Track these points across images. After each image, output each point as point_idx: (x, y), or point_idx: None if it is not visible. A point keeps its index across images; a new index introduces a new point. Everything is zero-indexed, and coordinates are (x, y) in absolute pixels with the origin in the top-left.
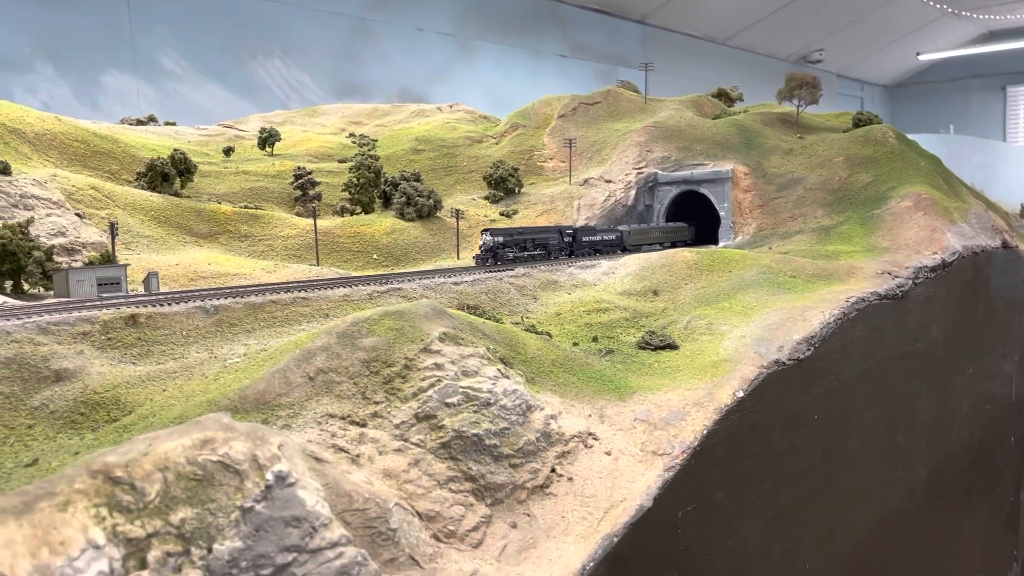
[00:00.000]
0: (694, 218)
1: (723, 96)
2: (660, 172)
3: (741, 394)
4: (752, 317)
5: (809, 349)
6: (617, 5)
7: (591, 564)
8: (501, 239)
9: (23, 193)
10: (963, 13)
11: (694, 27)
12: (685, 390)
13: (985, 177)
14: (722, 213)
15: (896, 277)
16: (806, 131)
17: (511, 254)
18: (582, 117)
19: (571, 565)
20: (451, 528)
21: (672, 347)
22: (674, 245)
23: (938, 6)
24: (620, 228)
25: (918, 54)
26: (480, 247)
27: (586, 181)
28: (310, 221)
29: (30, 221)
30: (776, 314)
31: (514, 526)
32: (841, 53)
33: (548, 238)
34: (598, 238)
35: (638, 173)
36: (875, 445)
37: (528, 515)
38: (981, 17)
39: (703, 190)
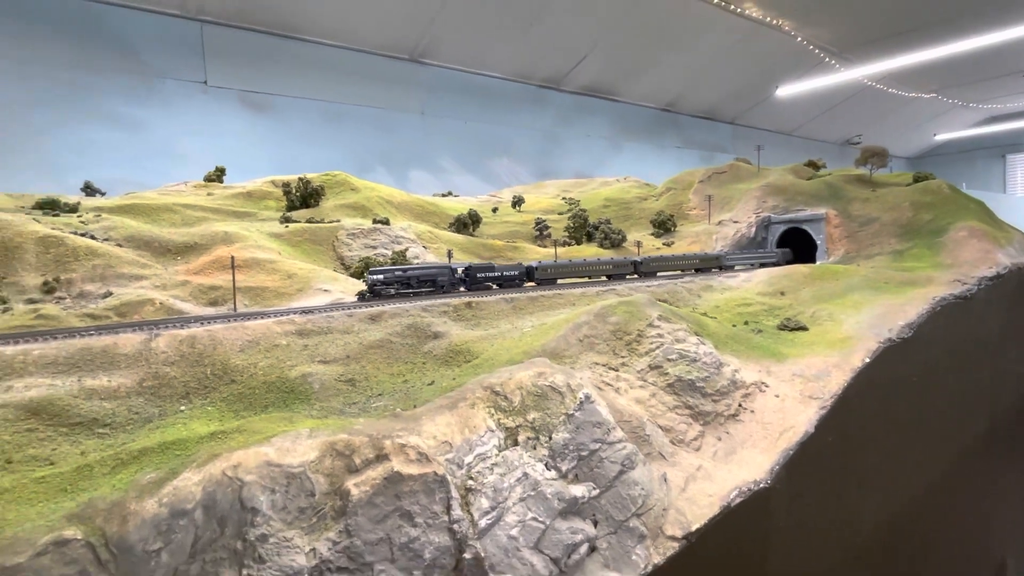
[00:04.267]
0: (794, 245)
1: (811, 165)
2: (772, 215)
3: (868, 360)
4: (862, 310)
5: (910, 332)
6: (714, 112)
7: (776, 467)
8: (381, 277)
9: (396, 235)
10: (970, 104)
11: (769, 124)
12: (824, 357)
13: None
14: (819, 241)
15: (964, 284)
16: (876, 186)
17: (392, 291)
18: (715, 181)
19: (763, 466)
20: (680, 437)
21: (803, 329)
22: (611, 278)
23: (950, 101)
24: (531, 263)
25: (935, 134)
26: (365, 283)
27: (720, 222)
28: (545, 249)
29: (405, 249)
30: (880, 308)
31: (719, 439)
32: (875, 136)
33: (437, 275)
34: (497, 274)
35: (757, 216)
36: (953, 400)
37: (727, 433)
38: (984, 107)
39: (804, 227)
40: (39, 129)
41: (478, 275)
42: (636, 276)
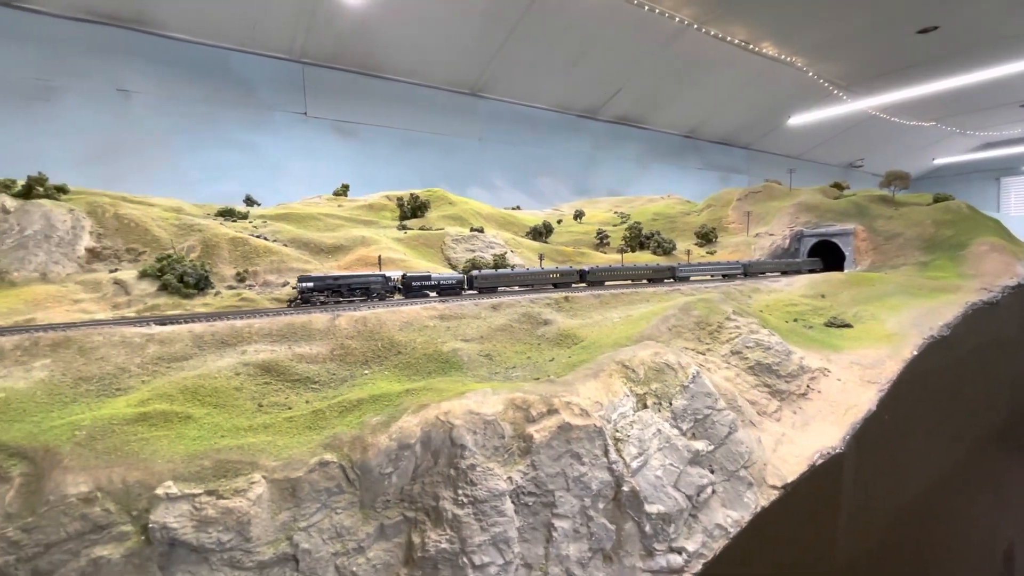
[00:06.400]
0: (823, 255)
1: (837, 186)
2: (804, 229)
3: (916, 352)
4: (901, 311)
5: (948, 330)
6: (731, 138)
7: (847, 436)
8: (311, 284)
9: (489, 241)
10: (968, 132)
11: (780, 149)
12: (875, 349)
13: None
14: (847, 253)
15: (991, 291)
16: (898, 206)
17: (322, 298)
18: (751, 199)
19: (835, 436)
20: (763, 409)
21: (849, 326)
22: (556, 287)
23: (949, 129)
24: (472, 272)
25: (933, 159)
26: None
27: (757, 235)
28: (605, 255)
29: (504, 253)
30: (919, 309)
31: (794, 412)
32: (877, 159)
33: (370, 282)
34: (433, 283)
35: (790, 230)
36: (983, 387)
37: (800, 408)
38: (981, 134)
39: (834, 240)
40: (176, 152)
41: (413, 284)
42: (584, 284)
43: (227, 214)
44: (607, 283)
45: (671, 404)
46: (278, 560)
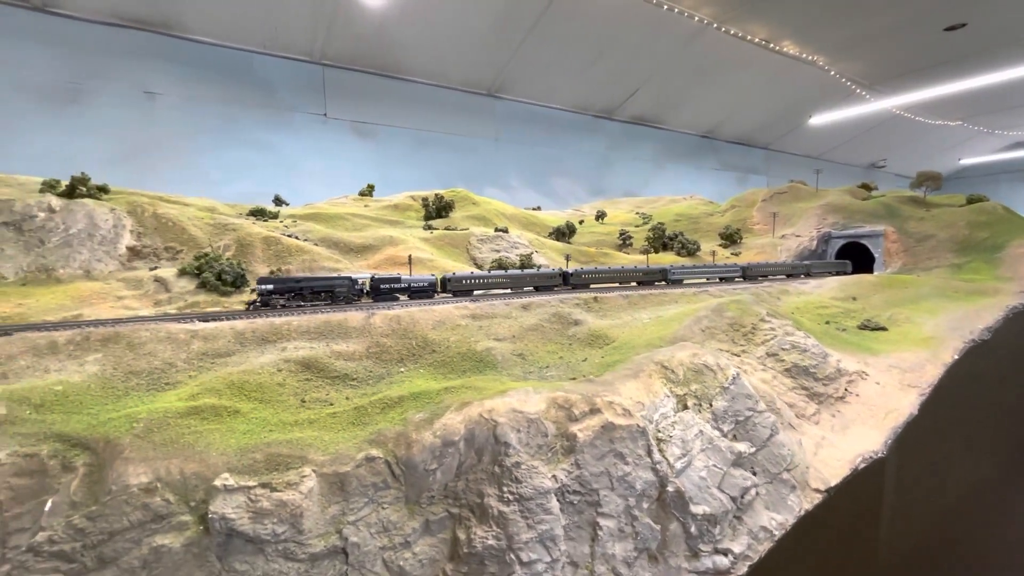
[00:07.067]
0: (851, 257)
1: (865, 187)
2: (832, 231)
3: (956, 356)
4: (938, 314)
5: (988, 334)
6: (749, 138)
7: (888, 440)
8: (271, 287)
9: (514, 241)
10: (996, 131)
11: (800, 149)
12: (913, 353)
13: None
14: (876, 255)
15: None
16: (930, 207)
17: (281, 302)
18: (776, 200)
19: (876, 440)
20: (801, 412)
21: (883, 329)
22: (537, 290)
23: (976, 128)
24: (445, 275)
25: (959, 159)
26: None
27: (783, 236)
28: (629, 256)
29: (531, 254)
30: (957, 313)
31: (833, 416)
32: (901, 160)
33: (335, 285)
34: (403, 285)
35: (818, 231)
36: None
37: (839, 411)
38: (1010, 133)
39: (863, 241)
40: (199, 152)
41: (382, 286)
42: (569, 287)
43: (258, 213)
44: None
45: (711, 405)
46: (328, 553)
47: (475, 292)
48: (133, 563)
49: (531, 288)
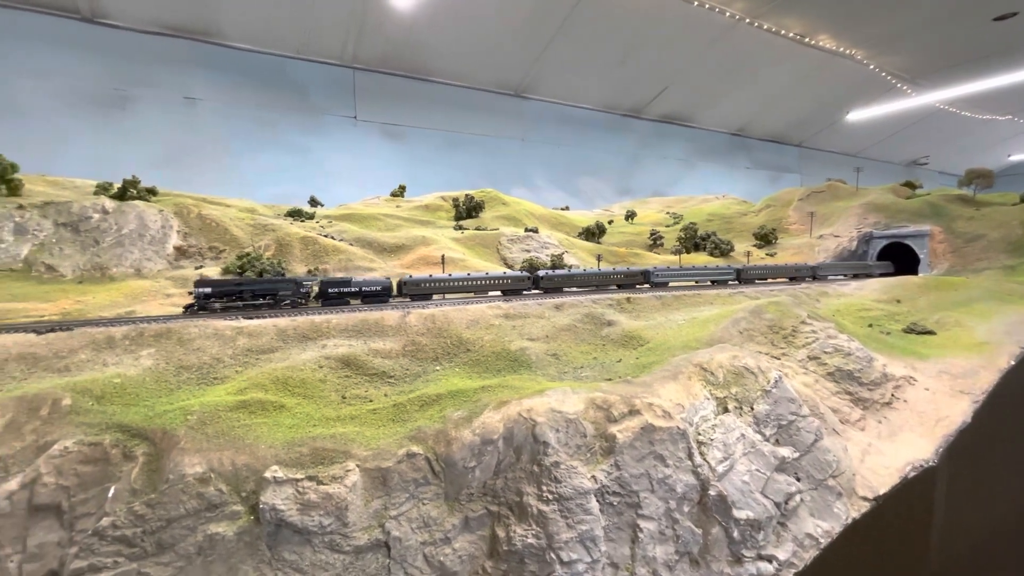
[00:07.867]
0: (893, 258)
1: (909, 185)
2: (874, 231)
3: (1012, 362)
4: (991, 318)
5: None
6: (783, 136)
7: (940, 448)
8: (209, 291)
9: (544, 241)
10: None
11: (835, 147)
12: (965, 358)
13: None
14: (922, 256)
15: None
16: (979, 206)
17: (218, 305)
18: (814, 199)
19: (926, 448)
20: (846, 417)
21: (931, 333)
22: (504, 294)
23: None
24: (403, 278)
25: (1009, 155)
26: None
27: (821, 236)
28: (660, 256)
29: (562, 254)
30: (1013, 317)
31: (879, 422)
32: (945, 156)
33: (278, 288)
34: (353, 289)
35: (858, 231)
36: None
37: (885, 418)
38: None
39: (907, 242)
40: (236, 155)
41: (330, 290)
42: (537, 291)
43: (296, 214)
44: (565, 289)
45: (752, 409)
46: (372, 546)
47: (434, 296)
48: (189, 549)
49: (497, 292)
